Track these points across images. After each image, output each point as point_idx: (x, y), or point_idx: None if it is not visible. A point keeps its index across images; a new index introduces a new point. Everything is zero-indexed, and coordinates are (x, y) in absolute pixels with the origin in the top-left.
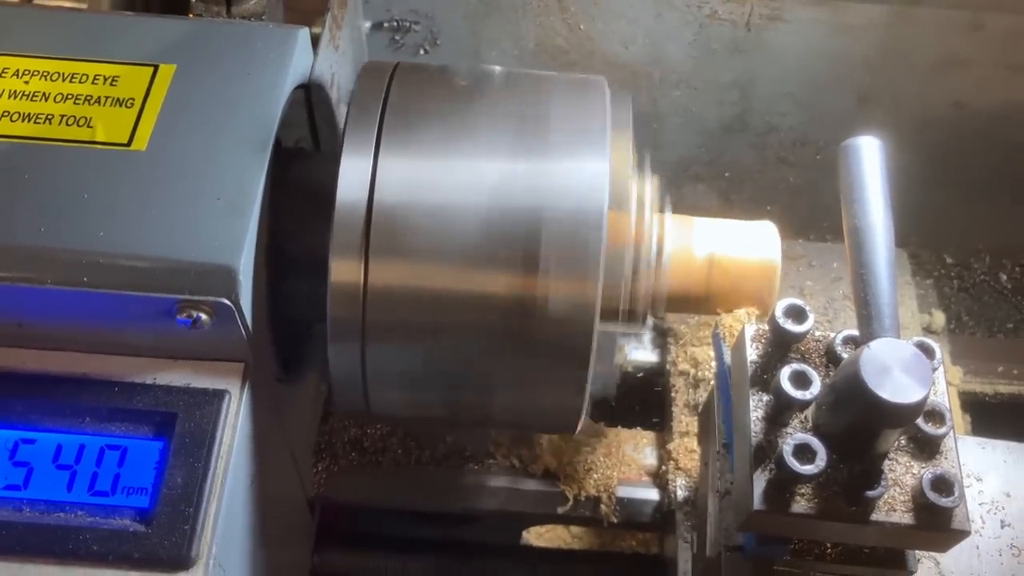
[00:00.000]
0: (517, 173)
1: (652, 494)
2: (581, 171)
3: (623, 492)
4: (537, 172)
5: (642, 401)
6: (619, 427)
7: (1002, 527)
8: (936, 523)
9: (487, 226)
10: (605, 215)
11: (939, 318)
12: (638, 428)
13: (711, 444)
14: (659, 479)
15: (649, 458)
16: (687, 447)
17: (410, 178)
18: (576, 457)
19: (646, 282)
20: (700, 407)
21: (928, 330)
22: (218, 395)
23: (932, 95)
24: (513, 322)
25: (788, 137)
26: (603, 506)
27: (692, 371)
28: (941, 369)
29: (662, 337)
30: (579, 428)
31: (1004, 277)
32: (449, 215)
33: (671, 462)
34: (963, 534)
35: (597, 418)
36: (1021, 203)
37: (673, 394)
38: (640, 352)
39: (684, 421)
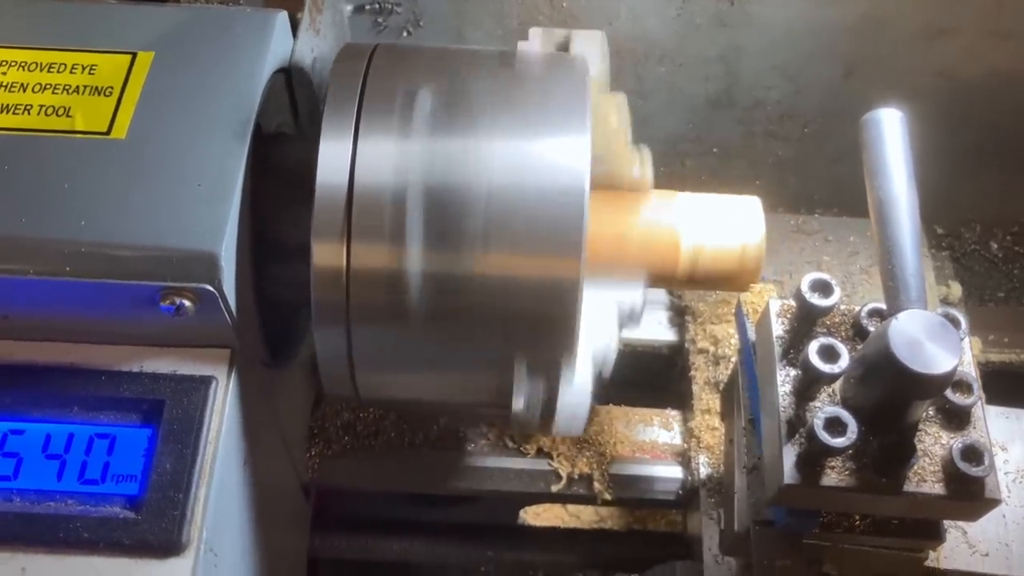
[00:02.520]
0: (497, 151)
1: (645, 470)
2: (562, 147)
3: (616, 469)
4: (517, 149)
5: (627, 381)
6: (610, 405)
7: None
8: (967, 492)
9: (468, 205)
10: (587, 191)
11: (956, 290)
12: (629, 406)
13: (736, 420)
14: (682, 457)
15: (642, 435)
16: (709, 424)
17: (391, 159)
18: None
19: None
20: (722, 385)
21: (945, 302)
22: (205, 381)
23: (918, 65)
24: (497, 301)
25: (775, 111)
26: (596, 483)
27: (712, 349)
28: (967, 339)
29: (680, 316)
30: None
31: (995, 246)
32: (430, 194)
33: (693, 440)
34: (994, 503)
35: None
36: (1010, 172)
37: (693, 372)
38: (658, 330)
39: (705, 399)
